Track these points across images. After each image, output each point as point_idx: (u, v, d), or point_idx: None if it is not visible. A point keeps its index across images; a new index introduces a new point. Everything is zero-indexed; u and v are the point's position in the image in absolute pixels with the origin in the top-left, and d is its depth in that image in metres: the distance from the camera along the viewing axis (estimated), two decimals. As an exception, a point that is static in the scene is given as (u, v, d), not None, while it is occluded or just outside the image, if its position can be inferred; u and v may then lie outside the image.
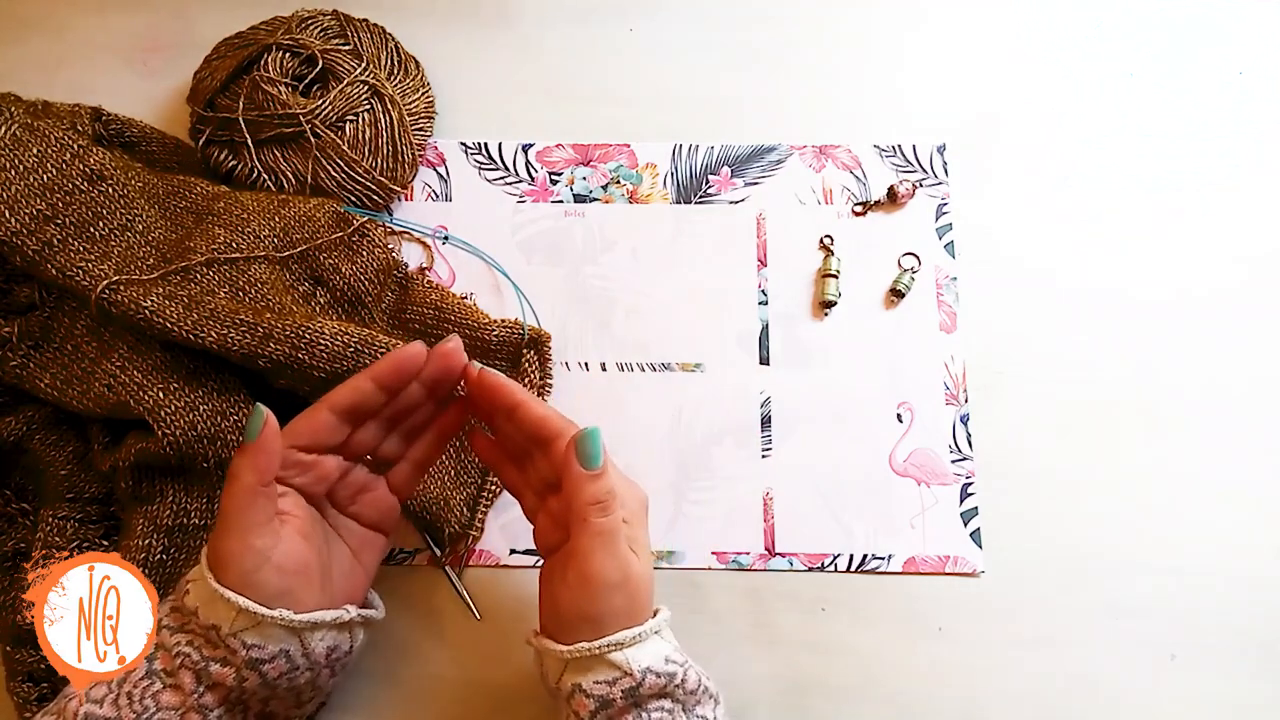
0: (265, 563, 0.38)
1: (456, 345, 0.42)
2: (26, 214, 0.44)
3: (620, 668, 0.38)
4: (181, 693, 0.37)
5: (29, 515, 0.49)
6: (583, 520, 0.38)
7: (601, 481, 0.39)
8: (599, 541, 0.38)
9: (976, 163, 0.57)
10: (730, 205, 0.56)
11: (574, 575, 0.39)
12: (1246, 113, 0.58)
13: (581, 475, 0.39)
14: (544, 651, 0.40)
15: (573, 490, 0.39)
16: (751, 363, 0.54)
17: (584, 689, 0.38)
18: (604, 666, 0.38)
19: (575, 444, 0.39)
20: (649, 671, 0.38)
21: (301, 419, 0.41)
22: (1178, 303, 0.55)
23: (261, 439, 0.38)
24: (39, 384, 0.47)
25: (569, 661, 0.39)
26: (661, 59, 0.59)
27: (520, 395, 0.41)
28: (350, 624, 0.42)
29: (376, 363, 0.41)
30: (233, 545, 0.38)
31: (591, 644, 0.38)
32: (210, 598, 0.38)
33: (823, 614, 0.51)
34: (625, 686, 0.38)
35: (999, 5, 0.60)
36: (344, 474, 0.43)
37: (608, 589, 0.38)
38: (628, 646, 0.38)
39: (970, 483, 0.52)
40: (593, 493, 0.39)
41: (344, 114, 0.52)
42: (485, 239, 0.55)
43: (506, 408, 0.42)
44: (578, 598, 0.39)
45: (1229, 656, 0.50)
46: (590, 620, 0.38)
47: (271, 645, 0.38)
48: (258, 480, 0.38)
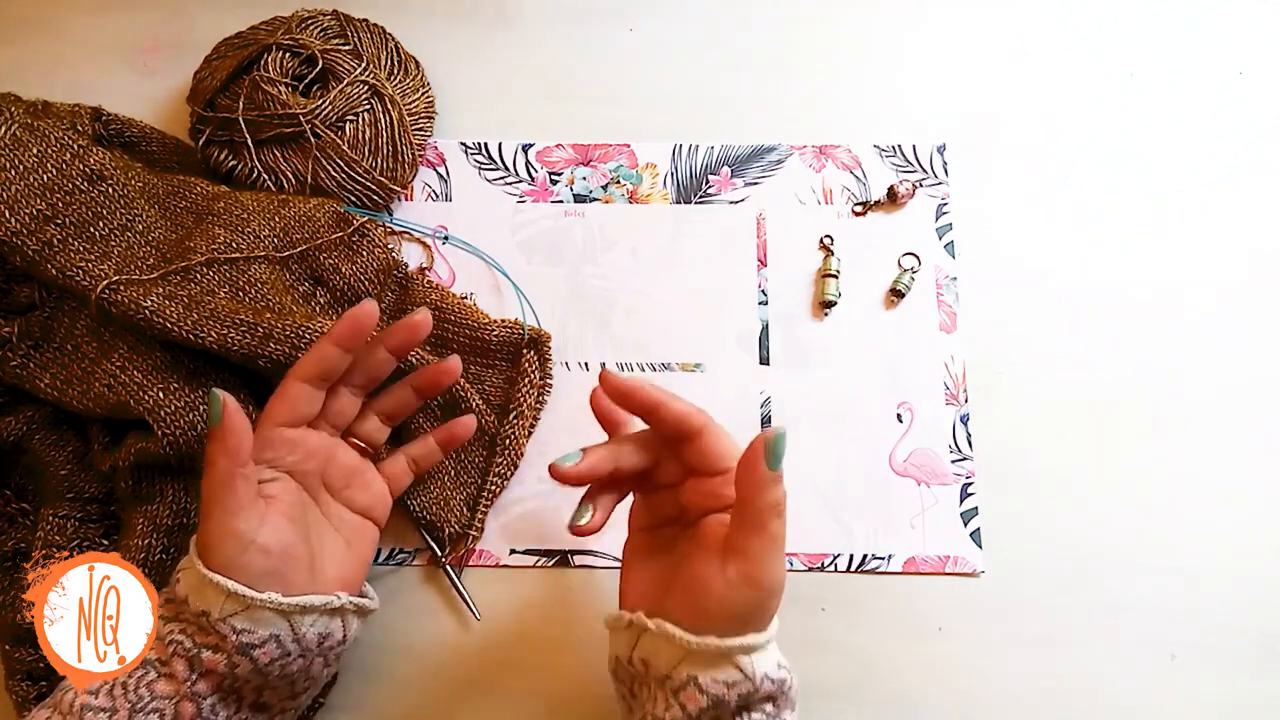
0: (250, 544, 0.38)
1: (425, 317, 0.44)
2: (26, 214, 0.44)
3: (744, 671, 0.37)
4: (175, 681, 0.37)
5: (29, 515, 0.49)
6: (761, 523, 0.37)
7: (781, 485, 0.38)
8: (772, 547, 0.37)
9: (976, 163, 0.57)
10: (730, 205, 0.56)
11: (737, 574, 0.37)
12: (1246, 113, 0.58)
13: (766, 477, 0.37)
14: (660, 635, 0.38)
15: (754, 491, 0.37)
16: (751, 363, 0.54)
17: (700, 684, 0.37)
18: (728, 666, 0.37)
19: (766, 445, 0.37)
20: (766, 678, 0.38)
21: (273, 398, 0.42)
22: (1178, 303, 0.55)
23: (225, 421, 0.38)
24: (39, 384, 0.47)
25: (691, 652, 0.37)
26: (661, 59, 0.59)
27: (657, 395, 0.41)
28: (342, 611, 0.41)
29: (333, 325, 0.43)
30: (216, 529, 0.38)
31: (722, 641, 0.37)
32: (199, 584, 0.38)
33: (823, 614, 0.51)
34: (743, 690, 0.37)
35: (999, 5, 0.60)
36: (333, 454, 0.44)
37: (770, 594, 0.38)
38: (755, 651, 0.38)
39: (970, 483, 0.52)
40: (775, 496, 0.37)
41: (344, 114, 0.52)
42: (485, 239, 0.56)
43: (646, 408, 0.41)
44: (737, 596, 0.37)
45: (1229, 656, 0.50)
46: (739, 618, 0.38)
47: (261, 629, 0.38)
48: (232, 463, 0.38)
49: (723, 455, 0.40)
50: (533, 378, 0.52)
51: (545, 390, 0.53)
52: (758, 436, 0.37)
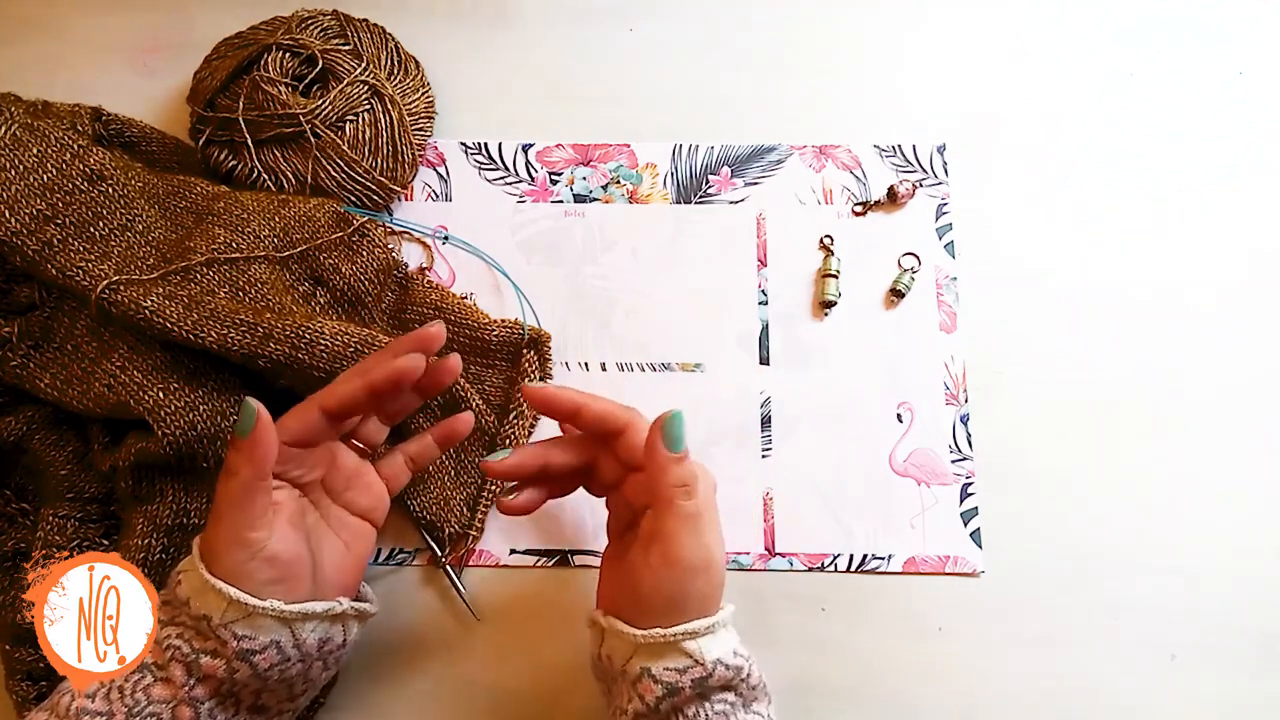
0: (259, 553, 0.38)
1: (438, 330, 0.43)
2: (26, 214, 0.44)
3: (692, 656, 0.38)
4: (173, 685, 0.37)
5: (29, 515, 0.49)
6: (668, 503, 0.38)
7: (685, 464, 0.39)
8: (685, 525, 0.38)
9: (976, 163, 0.57)
10: (730, 205, 0.56)
11: (657, 557, 0.38)
12: (1246, 113, 0.58)
13: (667, 458, 0.38)
14: (613, 632, 0.40)
15: (657, 473, 0.39)
16: (751, 363, 0.54)
17: (653, 674, 0.38)
18: (676, 654, 0.38)
19: (661, 427, 0.39)
20: (719, 663, 0.38)
21: (293, 417, 0.41)
22: (1178, 303, 0.55)
23: (257, 433, 0.38)
24: (39, 384, 0.47)
25: (640, 645, 0.39)
26: (661, 59, 0.59)
27: (576, 399, 0.42)
28: (343, 616, 0.42)
29: (374, 370, 0.41)
30: (226, 537, 0.38)
31: (666, 630, 0.38)
32: (201, 588, 0.38)
33: (823, 614, 0.51)
34: (695, 676, 0.38)
35: (999, 5, 0.60)
36: (334, 459, 0.44)
37: (692, 572, 0.38)
38: (701, 636, 0.39)
39: (970, 483, 0.52)
40: (678, 475, 0.38)
41: (344, 114, 0.52)
42: (485, 239, 0.56)
43: (568, 413, 0.42)
44: (661, 580, 0.38)
45: (1229, 656, 0.50)
46: (671, 602, 0.38)
47: (262, 636, 0.38)
48: (255, 475, 0.38)
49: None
50: (533, 378, 0.52)
51: (545, 390, 0.53)
52: (655, 419, 0.39)
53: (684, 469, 0.39)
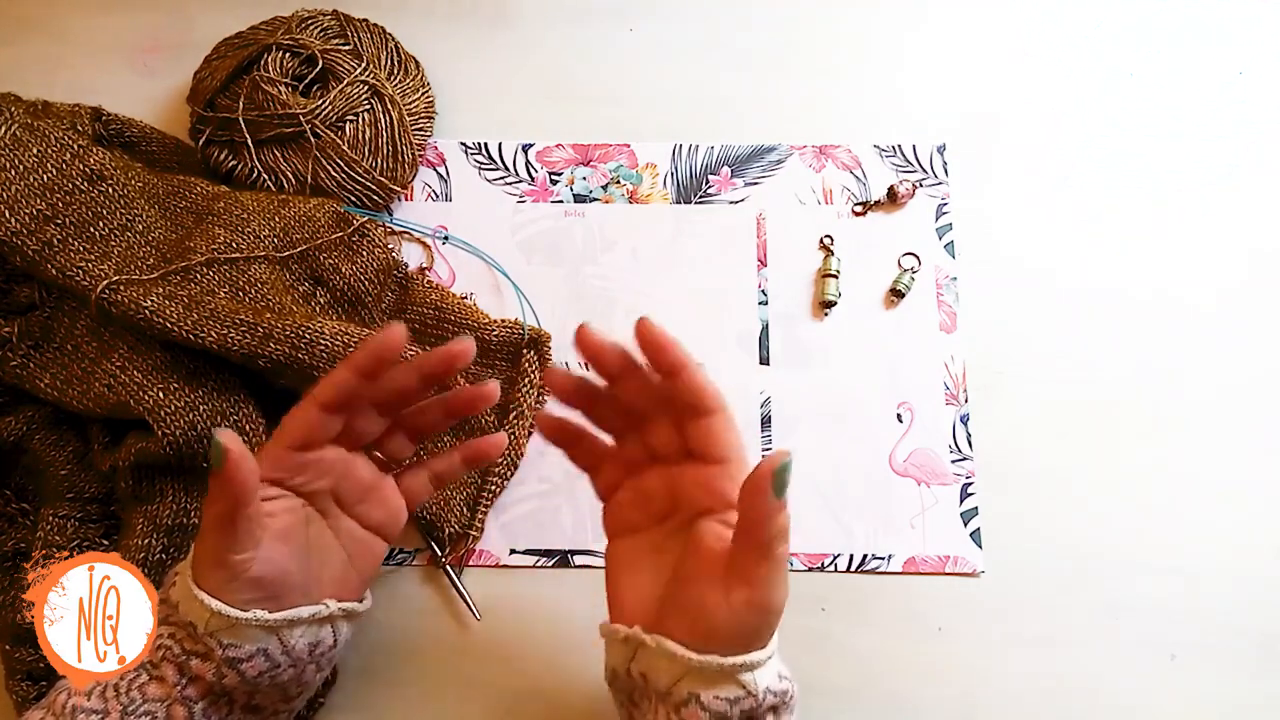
0: (240, 575, 0.37)
1: (465, 347, 0.40)
2: (26, 214, 0.44)
3: (747, 688, 0.37)
4: (165, 684, 0.37)
5: (29, 515, 0.49)
6: (767, 550, 0.37)
7: (785, 512, 0.37)
8: (779, 572, 0.37)
9: (976, 163, 0.57)
10: (730, 205, 0.56)
11: (742, 600, 0.37)
12: (1246, 113, 0.58)
13: (774, 504, 0.37)
14: (660, 652, 0.38)
15: (760, 517, 0.37)
16: (751, 363, 0.54)
17: (703, 702, 0.37)
18: (731, 684, 0.37)
19: (774, 473, 0.36)
20: (769, 692, 0.37)
21: (290, 419, 0.40)
22: (1178, 303, 0.55)
23: (227, 469, 0.36)
24: (39, 384, 0.47)
25: (692, 669, 0.37)
26: (661, 59, 0.59)
27: (686, 358, 0.40)
28: (331, 618, 0.41)
29: (354, 351, 0.40)
30: (210, 559, 0.37)
31: (725, 660, 0.37)
32: (188, 595, 0.38)
33: (823, 614, 0.51)
34: (746, 707, 0.37)
35: (999, 5, 0.60)
36: (349, 470, 0.42)
37: (775, 616, 0.38)
38: (759, 668, 0.37)
39: (970, 483, 0.52)
40: (781, 523, 0.37)
41: (344, 114, 0.52)
42: (485, 239, 0.55)
43: (669, 366, 0.40)
44: (743, 620, 0.37)
45: (1229, 656, 0.50)
46: (744, 639, 0.37)
47: (248, 645, 0.38)
48: (233, 506, 0.37)
49: (730, 445, 0.40)
50: (533, 378, 0.52)
51: (545, 391, 0.53)
52: (764, 462, 0.36)
53: (783, 517, 0.37)
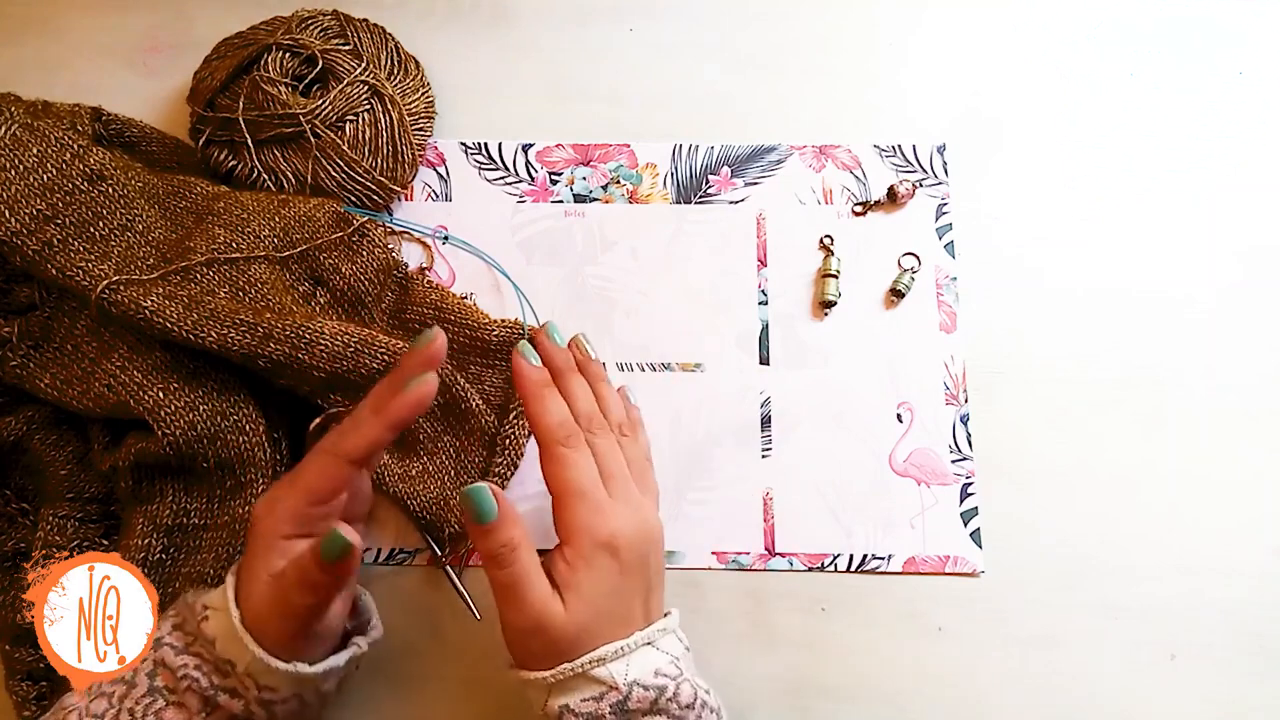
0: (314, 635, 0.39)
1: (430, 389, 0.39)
2: (26, 214, 0.44)
3: (605, 683, 0.38)
4: (186, 711, 0.37)
5: (29, 515, 0.49)
6: (489, 572, 0.39)
7: (495, 535, 0.38)
8: (501, 594, 0.39)
9: (976, 163, 0.57)
10: (730, 205, 0.56)
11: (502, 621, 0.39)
12: (1246, 113, 0.58)
13: (475, 530, 0.38)
14: (525, 682, 0.40)
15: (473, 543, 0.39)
16: (751, 363, 0.54)
17: (572, 709, 0.38)
18: (588, 683, 0.38)
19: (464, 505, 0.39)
20: (636, 685, 0.38)
21: (316, 476, 0.39)
22: (1178, 302, 0.55)
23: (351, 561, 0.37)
24: (39, 384, 0.47)
25: (553, 685, 0.38)
26: (661, 59, 0.59)
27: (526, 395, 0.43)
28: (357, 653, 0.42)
29: (393, 408, 0.38)
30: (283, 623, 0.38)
31: (573, 663, 0.38)
32: (229, 633, 0.37)
33: (822, 614, 0.51)
34: (613, 701, 0.37)
35: (999, 5, 0.60)
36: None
37: (522, 635, 0.39)
38: (611, 661, 0.38)
39: (970, 483, 0.52)
40: (489, 548, 0.38)
41: (344, 114, 0.52)
42: (485, 239, 0.55)
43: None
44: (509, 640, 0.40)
45: (1229, 656, 0.50)
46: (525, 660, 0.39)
47: (285, 689, 0.38)
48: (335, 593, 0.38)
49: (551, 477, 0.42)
50: (533, 378, 0.52)
51: (545, 390, 0.53)
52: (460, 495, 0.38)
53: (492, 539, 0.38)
